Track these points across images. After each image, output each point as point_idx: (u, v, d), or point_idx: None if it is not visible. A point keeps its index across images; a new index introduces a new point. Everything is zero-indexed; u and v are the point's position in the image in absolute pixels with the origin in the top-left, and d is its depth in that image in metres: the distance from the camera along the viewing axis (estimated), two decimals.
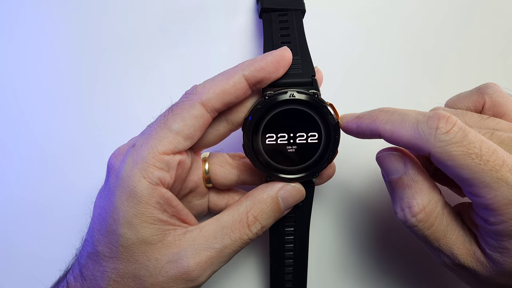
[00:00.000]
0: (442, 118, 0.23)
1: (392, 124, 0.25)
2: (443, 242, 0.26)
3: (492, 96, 0.29)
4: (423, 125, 0.23)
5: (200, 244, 0.27)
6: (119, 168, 0.27)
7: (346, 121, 0.28)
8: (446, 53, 0.38)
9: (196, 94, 0.27)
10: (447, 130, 0.23)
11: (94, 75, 0.38)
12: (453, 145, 0.22)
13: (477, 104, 0.30)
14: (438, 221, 0.26)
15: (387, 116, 0.25)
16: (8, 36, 0.38)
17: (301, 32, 0.31)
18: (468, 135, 0.22)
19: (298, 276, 0.33)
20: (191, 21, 0.38)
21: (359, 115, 0.27)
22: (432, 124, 0.23)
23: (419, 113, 0.24)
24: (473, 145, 0.22)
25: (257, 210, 0.28)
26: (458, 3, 0.38)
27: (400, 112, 0.25)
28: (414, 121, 0.24)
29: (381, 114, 0.26)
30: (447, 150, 0.22)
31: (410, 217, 0.26)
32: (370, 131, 0.26)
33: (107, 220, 0.27)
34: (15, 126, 0.38)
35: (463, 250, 0.25)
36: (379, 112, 0.26)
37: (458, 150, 0.22)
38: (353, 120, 0.27)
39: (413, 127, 0.24)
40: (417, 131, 0.23)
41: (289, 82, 0.28)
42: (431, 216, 0.25)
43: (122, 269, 0.27)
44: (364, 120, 0.26)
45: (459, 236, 0.26)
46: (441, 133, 0.23)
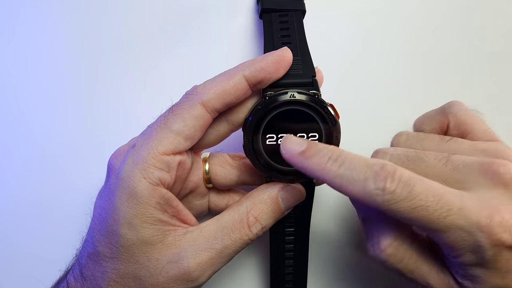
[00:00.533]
0: (388, 176, 0.23)
1: (340, 178, 0.24)
2: (417, 274, 0.26)
3: (456, 115, 0.30)
4: (371, 185, 0.23)
5: (201, 245, 0.27)
6: (119, 168, 0.27)
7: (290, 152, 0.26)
8: (446, 53, 0.38)
9: (196, 94, 0.27)
10: (393, 189, 0.23)
11: (94, 75, 0.38)
12: (399, 203, 0.23)
13: (442, 124, 0.31)
14: (407, 255, 0.26)
15: (336, 168, 0.24)
16: (8, 36, 0.38)
17: (302, 32, 0.31)
18: (414, 189, 0.23)
19: (298, 277, 0.33)
20: (191, 21, 0.38)
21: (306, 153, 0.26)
22: (378, 184, 0.23)
23: (367, 166, 0.24)
24: (419, 198, 0.23)
25: (258, 210, 0.28)
26: (457, 3, 0.38)
27: (348, 164, 0.24)
28: (362, 178, 0.24)
29: (329, 163, 0.25)
30: (394, 208, 0.23)
31: (379, 253, 0.26)
32: (317, 178, 0.25)
33: (107, 221, 0.27)
34: (15, 126, 0.38)
35: (437, 280, 0.26)
36: (327, 161, 0.25)
37: (405, 206, 0.23)
38: (298, 158, 0.26)
39: (361, 186, 0.23)
40: (365, 191, 0.23)
41: (289, 83, 0.28)
42: (400, 251, 0.26)
43: (122, 269, 0.27)
44: (311, 165, 0.25)
45: (432, 267, 0.26)
46: (387, 193, 0.23)
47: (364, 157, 0.25)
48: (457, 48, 0.38)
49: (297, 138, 0.27)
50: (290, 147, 0.26)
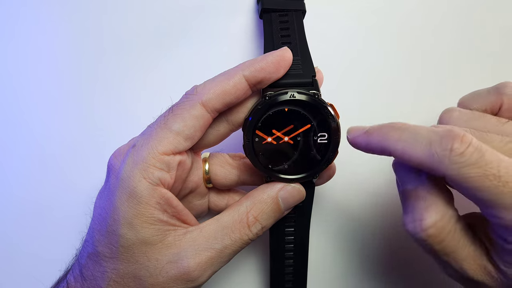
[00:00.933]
0: (456, 138, 0.22)
1: (403, 143, 0.23)
2: (452, 257, 0.25)
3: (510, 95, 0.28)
4: (437, 146, 0.22)
5: (200, 245, 0.27)
6: (119, 168, 0.27)
7: (354, 135, 0.26)
8: (445, 52, 0.38)
9: (196, 94, 0.27)
10: (462, 151, 0.21)
11: (94, 75, 0.38)
12: (469, 167, 0.21)
13: (494, 105, 0.29)
14: (449, 237, 0.24)
15: (398, 134, 0.24)
16: (8, 36, 0.38)
17: (302, 32, 0.31)
18: (485, 155, 0.21)
19: (298, 276, 0.33)
20: (191, 21, 0.38)
21: (369, 130, 0.26)
22: (446, 145, 0.22)
23: (432, 132, 0.23)
24: (490, 165, 0.21)
25: (258, 210, 0.28)
26: (457, 3, 0.38)
27: (412, 129, 0.23)
28: (427, 141, 0.22)
29: (391, 131, 0.24)
30: (463, 173, 0.21)
31: (420, 231, 0.24)
32: (381, 149, 0.25)
33: (107, 221, 0.27)
34: (15, 126, 0.38)
35: (473, 265, 0.25)
36: (389, 129, 0.24)
37: (475, 172, 0.21)
38: (362, 135, 0.26)
39: (426, 148, 0.22)
40: (430, 153, 0.22)
41: (289, 83, 0.28)
42: (443, 232, 0.24)
43: (122, 269, 0.27)
44: (374, 137, 0.25)
45: (470, 252, 0.25)
46: (455, 155, 0.21)
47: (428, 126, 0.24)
48: (457, 47, 0.38)
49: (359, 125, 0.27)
50: (354, 130, 0.26)
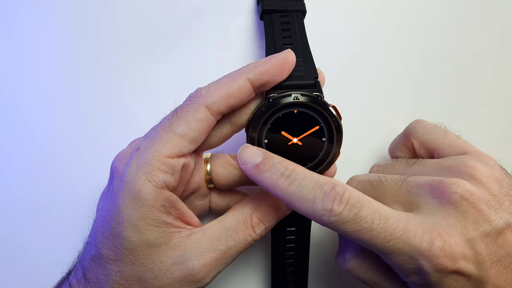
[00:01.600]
0: (336, 197, 0.24)
1: (290, 196, 0.25)
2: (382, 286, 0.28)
3: (417, 136, 0.31)
4: (319, 205, 0.24)
5: (205, 246, 0.27)
6: (123, 171, 0.27)
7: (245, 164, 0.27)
8: (445, 52, 0.39)
9: (200, 97, 0.27)
10: (340, 211, 0.23)
11: (94, 76, 0.37)
12: (345, 224, 0.23)
13: (408, 147, 0.32)
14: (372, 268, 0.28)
15: (287, 185, 0.25)
16: (7, 35, 0.37)
17: (303, 33, 0.31)
18: (360, 211, 0.23)
19: (299, 277, 0.34)
20: (191, 22, 0.37)
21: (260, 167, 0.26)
22: (326, 205, 0.24)
23: (317, 186, 0.24)
24: (364, 220, 0.23)
25: (261, 211, 0.28)
26: (456, 3, 0.39)
27: (300, 182, 0.25)
28: (311, 197, 0.24)
29: (281, 180, 0.25)
30: (341, 229, 0.24)
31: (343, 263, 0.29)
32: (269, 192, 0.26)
33: (111, 223, 0.27)
34: (14, 126, 0.37)
35: None
36: (279, 177, 0.25)
37: (351, 227, 0.23)
38: (253, 169, 0.26)
39: (309, 205, 0.24)
40: (313, 210, 0.24)
41: (292, 85, 0.28)
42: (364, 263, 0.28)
43: (126, 272, 0.27)
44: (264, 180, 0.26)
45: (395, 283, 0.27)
46: (333, 215, 0.23)
47: (317, 176, 0.25)
48: (456, 46, 0.39)
49: (254, 148, 0.27)
50: (246, 158, 0.27)
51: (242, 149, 0.27)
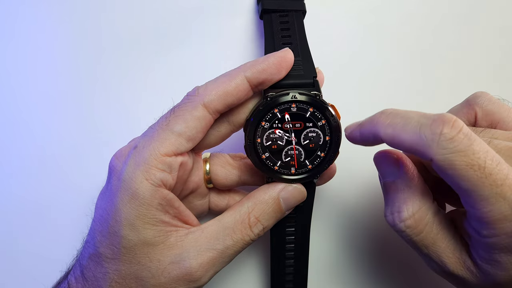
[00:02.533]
0: (447, 122, 0.21)
1: (393, 127, 0.23)
2: (432, 250, 0.25)
3: (482, 105, 0.28)
4: (426, 130, 0.22)
5: (202, 245, 0.27)
6: (121, 169, 0.27)
7: (350, 130, 0.27)
8: (445, 51, 0.38)
9: (198, 95, 0.27)
10: (452, 136, 0.21)
11: (94, 76, 0.38)
12: (456, 154, 0.21)
13: (470, 117, 0.30)
14: (427, 228, 0.25)
15: (388, 119, 0.24)
16: (8, 36, 0.38)
17: (302, 33, 0.31)
18: (473, 144, 0.21)
19: (299, 276, 0.34)
20: (191, 22, 0.37)
21: (361, 122, 0.26)
22: (435, 129, 0.21)
23: (422, 116, 0.23)
24: (477, 155, 0.21)
25: (259, 211, 0.28)
26: (457, 2, 0.38)
27: (403, 114, 0.24)
28: (416, 124, 0.22)
29: (382, 117, 0.24)
30: (450, 159, 0.21)
31: (398, 222, 0.25)
32: (372, 136, 0.25)
33: (109, 222, 0.27)
34: (14, 126, 0.38)
35: (452, 259, 0.25)
36: (380, 115, 0.25)
37: (461, 160, 0.21)
38: (355, 128, 0.26)
39: (415, 131, 0.22)
40: (420, 136, 0.22)
41: (290, 83, 0.28)
42: (420, 223, 0.25)
43: (124, 270, 0.27)
44: (366, 126, 0.25)
45: (449, 245, 0.25)
46: (444, 140, 0.21)
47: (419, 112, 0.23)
48: (456, 46, 0.38)
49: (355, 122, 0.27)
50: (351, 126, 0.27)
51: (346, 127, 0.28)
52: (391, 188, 0.27)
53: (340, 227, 0.38)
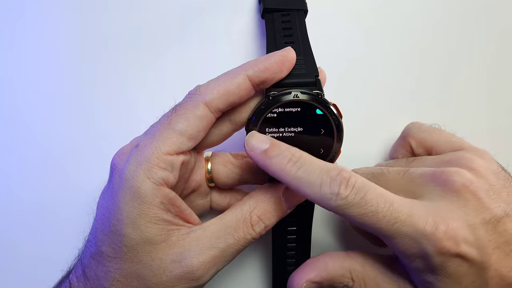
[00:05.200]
0: (343, 182, 0.24)
1: (298, 181, 0.25)
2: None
3: (414, 136, 0.32)
4: (326, 189, 0.24)
5: (204, 244, 0.27)
6: (122, 168, 0.27)
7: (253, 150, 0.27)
8: (446, 51, 0.38)
9: (199, 94, 0.27)
10: (346, 195, 0.24)
11: (96, 75, 0.38)
12: (350, 208, 0.24)
13: (407, 148, 0.33)
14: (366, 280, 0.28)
15: (295, 170, 0.26)
16: (9, 35, 0.38)
17: (304, 32, 0.31)
18: (366, 195, 0.24)
19: None
20: (192, 21, 0.37)
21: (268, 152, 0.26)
22: (333, 190, 0.24)
23: (323, 172, 0.25)
24: (370, 204, 0.24)
25: (261, 209, 0.28)
26: (457, 1, 0.38)
27: (307, 167, 0.25)
28: (318, 182, 0.25)
29: (289, 165, 0.26)
30: (346, 213, 0.24)
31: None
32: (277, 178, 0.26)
33: (110, 221, 0.27)
34: (15, 126, 0.38)
35: None
36: (287, 162, 0.26)
37: (356, 211, 0.24)
38: (260, 155, 0.27)
39: (317, 189, 0.25)
40: (320, 194, 0.25)
41: (292, 83, 0.28)
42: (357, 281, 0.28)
43: (126, 269, 0.27)
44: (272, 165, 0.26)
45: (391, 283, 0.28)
46: (340, 199, 0.24)
47: (323, 162, 0.26)
48: (457, 45, 0.38)
49: (261, 135, 0.27)
50: (253, 144, 0.27)
51: (249, 135, 0.27)
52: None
53: (341, 226, 0.38)
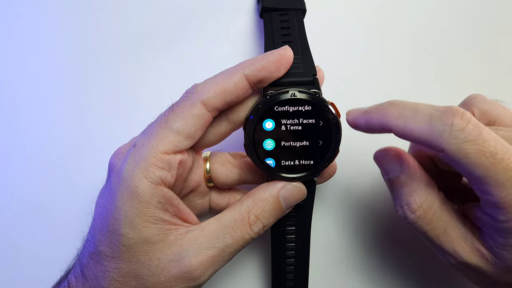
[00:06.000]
0: (457, 114, 0.22)
1: (404, 119, 0.24)
2: (443, 239, 0.26)
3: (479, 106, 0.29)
4: (437, 121, 0.22)
5: (202, 244, 0.27)
6: (120, 168, 0.27)
7: (354, 116, 0.27)
8: (447, 50, 0.38)
9: (196, 93, 0.27)
10: (462, 127, 0.22)
11: (95, 74, 0.38)
12: (468, 143, 0.22)
13: None
14: (436, 217, 0.26)
15: (398, 111, 0.24)
16: (8, 34, 0.38)
17: (302, 31, 0.31)
18: (483, 133, 0.22)
19: (300, 276, 0.33)
20: (191, 20, 0.38)
21: (367, 110, 0.26)
22: (446, 120, 0.22)
23: (432, 107, 0.23)
24: (488, 143, 0.22)
25: (259, 209, 0.28)
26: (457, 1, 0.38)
27: (412, 106, 0.24)
28: (427, 116, 0.23)
29: (391, 108, 0.25)
30: (462, 148, 0.22)
31: (409, 214, 0.26)
32: (380, 126, 0.25)
33: (108, 220, 0.27)
34: (14, 126, 0.38)
35: (465, 247, 0.26)
36: (389, 106, 0.25)
37: (473, 148, 0.22)
38: (361, 115, 0.26)
39: (426, 122, 0.23)
40: (431, 127, 0.23)
41: (290, 81, 0.28)
42: (429, 213, 0.26)
43: (124, 268, 0.27)
44: (373, 115, 0.26)
45: (460, 234, 0.26)
46: (456, 130, 0.22)
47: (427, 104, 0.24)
48: (458, 44, 0.38)
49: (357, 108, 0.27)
50: (354, 112, 0.27)
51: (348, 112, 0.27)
52: (396, 183, 0.27)
53: (341, 225, 0.38)
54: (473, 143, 0.22)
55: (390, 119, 0.24)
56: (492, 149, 0.22)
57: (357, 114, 0.27)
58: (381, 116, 0.25)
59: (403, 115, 0.24)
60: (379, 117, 0.25)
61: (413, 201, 0.26)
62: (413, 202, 0.26)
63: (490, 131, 0.22)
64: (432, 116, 0.23)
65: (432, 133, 0.23)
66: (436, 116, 0.23)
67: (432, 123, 0.23)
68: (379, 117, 0.25)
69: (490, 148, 0.22)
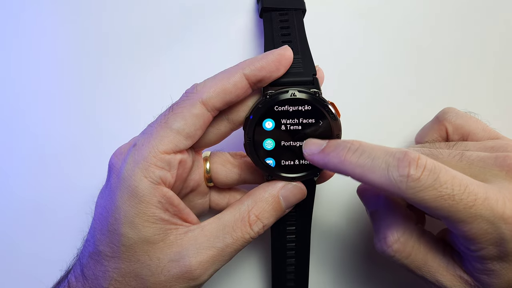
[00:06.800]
0: (412, 162, 0.22)
1: (361, 168, 0.24)
2: (425, 270, 0.26)
3: (451, 120, 0.31)
4: (394, 172, 0.23)
5: (202, 243, 0.27)
6: (120, 167, 0.27)
7: (311, 152, 0.27)
8: (446, 49, 0.38)
9: (196, 93, 0.27)
10: (418, 176, 0.22)
11: (95, 74, 0.38)
12: (424, 191, 0.22)
13: (441, 132, 0.32)
14: (415, 250, 0.26)
15: (356, 158, 0.24)
16: (9, 35, 0.38)
17: (302, 31, 0.31)
18: (439, 176, 0.22)
19: (300, 275, 0.33)
20: (191, 20, 0.38)
21: (325, 149, 0.26)
22: (402, 171, 0.22)
23: (388, 154, 0.23)
24: (444, 186, 0.22)
25: (259, 209, 0.28)
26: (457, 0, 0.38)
27: (369, 153, 0.24)
28: (384, 165, 0.23)
29: (348, 154, 0.25)
30: (419, 196, 0.22)
31: (386, 248, 0.27)
32: (339, 171, 0.25)
33: (108, 220, 0.27)
34: (15, 125, 0.38)
35: (447, 276, 0.26)
36: (346, 152, 0.25)
37: (431, 194, 0.22)
38: (319, 155, 0.26)
39: (383, 173, 0.23)
40: (388, 178, 0.23)
41: (290, 81, 0.28)
42: (407, 246, 0.26)
43: (124, 268, 0.27)
44: (331, 159, 0.25)
45: (441, 263, 0.26)
46: (412, 181, 0.22)
47: (384, 146, 0.24)
48: (457, 44, 0.38)
49: (316, 139, 0.27)
50: (311, 148, 0.27)
51: (305, 143, 0.27)
52: (375, 217, 0.28)
53: (341, 225, 0.38)
54: (430, 189, 0.22)
55: (348, 167, 0.24)
56: (449, 191, 0.22)
57: (314, 150, 0.27)
58: (339, 162, 0.25)
59: (361, 164, 0.24)
60: (337, 163, 0.25)
61: (390, 234, 0.27)
62: (390, 236, 0.27)
63: (447, 171, 0.23)
64: (389, 165, 0.23)
65: (390, 184, 0.23)
66: (393, 166, 0.23)
67: (389, 174, 0.23)
68: (337, 163, 0.25)
69: (448, 191, 0.22)
